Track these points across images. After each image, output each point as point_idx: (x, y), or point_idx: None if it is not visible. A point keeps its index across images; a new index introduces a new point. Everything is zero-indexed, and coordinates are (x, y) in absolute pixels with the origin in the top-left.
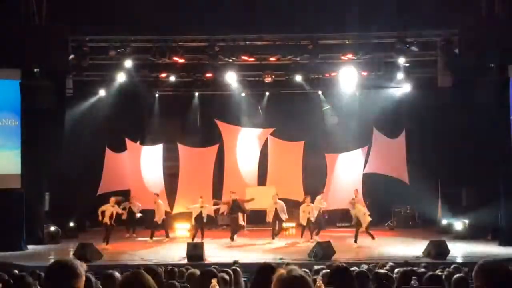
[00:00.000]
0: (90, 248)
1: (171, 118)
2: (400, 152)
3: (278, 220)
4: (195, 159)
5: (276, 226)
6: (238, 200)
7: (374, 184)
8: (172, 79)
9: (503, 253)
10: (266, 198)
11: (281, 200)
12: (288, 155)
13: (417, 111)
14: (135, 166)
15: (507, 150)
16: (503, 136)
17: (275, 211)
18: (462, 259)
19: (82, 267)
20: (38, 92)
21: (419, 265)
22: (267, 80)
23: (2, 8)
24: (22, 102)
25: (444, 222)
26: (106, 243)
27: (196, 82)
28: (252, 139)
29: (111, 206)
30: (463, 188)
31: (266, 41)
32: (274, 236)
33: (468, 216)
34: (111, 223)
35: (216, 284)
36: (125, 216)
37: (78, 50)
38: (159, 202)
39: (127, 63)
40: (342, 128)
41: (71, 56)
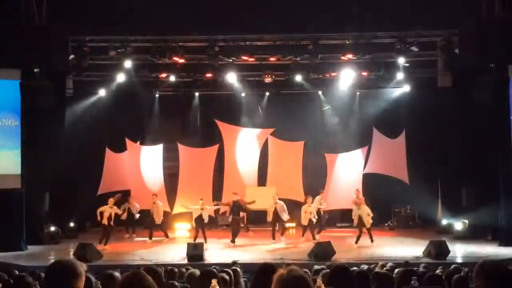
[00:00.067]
0: (90, 248)
1: (171, 118)
2: (400, 152)
3: (278, 220)
4: (195, 159)
5: (276, 226)
6: (239, 201)
7: (374, 184)
8: (172, 79)
9: (503, 253)
10: (266, 198)
11: (281, 200)
12: (288, 155)
13: (417, 111)
14: (135, 166)
15: (507, 150)
16: (503, 136)
17: (275, 211)
18: (462, 259)
19: (82, 267)
20: (38, 92)
21: (419, 265)
22: (267, 80)
23: (2, 8)
24: (22, 102)
25: (444, 222)
26: (104, 243)
27: (196, 82)
28: (252, 139)
29: (109, 207)
30: (463, 188)
31: (266, 41)
32: (274, 237)
33: (468, 216)
34: (109, 224)
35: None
36: (124, 216)
37: (78, 50)
38: (158, 202)
39: (127, 63)
40: (342, 128)
41: (71, 56)
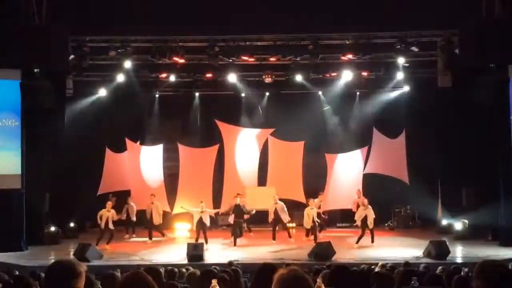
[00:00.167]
0: (90, 248)
1: (171, 118)
2: (400, 152)
3: (278, 221)
4: (195, 159)
5: (276, 227)
6: (240, 204)
7: (374, 184)
8: (172, 79)
9: (503, 253)
10: (266, 198)
11: (281, 201)
12: (288, 156)
13: (417, 111)
14: (135, 166)
15: (507, 150)
16: (503, 136)
17: (275, 211)
18: (462, 259)
19: (82, 267)
20: (38, 92)
21: (419, 265)
22: (267, 80)
23: (2, 8)
24: (22, 102)
25: (444, 222)
26: (107, 242)
27: (196, 82)
28: (252, 139)
29: (107, 211)
30: (463, 188)
31: (266, 41)
32: (274, 237)
33: (468, 216)
34: (106, 227)
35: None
36: (124, 217)
37: (78, 50)
38: (156, 202)
39: (127, 64)
40: (342, 128)
41: (71, 56)
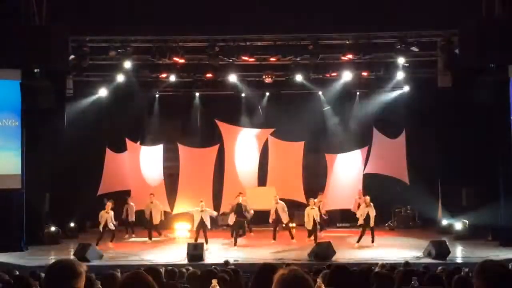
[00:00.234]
0: (90, 249)
1: (171, 118)
2: (400, 152)
3: (279, 221)
4: (195, 160)
5: (277, 227)
6: (242, 203)
7: (374, 184)
8: (172, 79)
9: (503, 253)
10: (266, 198)
11: (281, 201)
12: (288, 156)
13: (417, 111)
14: (135, 167)
15: (507, 150)
16: (503, 136)
17: (276, 211)
18: (462, 259)
19: (82, 267)
20: (38, 92)
21: (419, 265)
22: (267, 80)
23: (2, 8)
24: (22, 102)
25: (444, 222)
26: (111, 240)
27: (196, 83)
28: (252, 140)
29: (105, 212)
30: (463, 188)
31: (266, 41)
32: (275, 237)
33: (468, 216)
34: (104, 229)
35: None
36: (124, 217)
37: (78, 50)
38: (155, 202)
39: (127, 64)
40: (342, 128)
41: (71, 57)
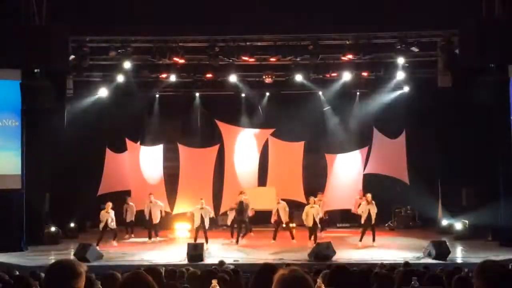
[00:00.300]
0: (91, 249)
1: (171, 118)
2: (400, 152)
3: (280, 221)
4: (195, 160)
5: (278, 227)
6: (244, 201)
7: (374, 184)
8: (172, 79)
9: (503, 253)
10: (266, 199)
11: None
12: (288, 156)
13: (417, 111)
14: (135, 167)
15: (507, 150)
16: (503, 136)
17: (277, 211)
18: (462, 259)
19: (83, 267)
20: (38, 92)
21: (419, 265)
22: (267, 80)
23: (2, 8)
24: (23, 102)
25: (444, 222)
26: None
27: (196, 83)
28: (252, 140)
29: (106, 212)
30: (463, 188)
31: (266, 41)
32: (275, 237)
33: (468, 216)
34: (104, 229)
35: (217, 285)
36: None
37: (78, 50)
38: (154, 201)
39: (127, 64)
40: (342, 128)
41: (71, 57)
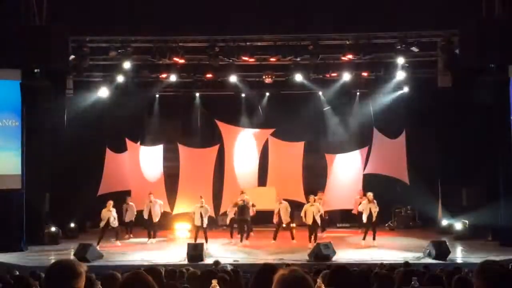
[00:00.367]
0: (91, 249)
1: (171, 118)
2: (400, 152)
3: (280, 222)
4: (195, 160)
5: (279, 227)
6: (245, 200)
7: (374, 184)
8: (172, 79)
9: (503, 253)
10: (266, 199)
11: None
12: (288, 156)
13: (417, 111)
14: (135, 167)
15: (507, 150)
16: (503, 136)
17: (279, 212)
18: (462, 260)
19: (83, 267)
20: (38, 92)
21: (419, 265)
22: (267, 80)
23: (2, 8)
24: (22, 102)
25: (444, 222)
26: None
27: (196, 83)
28: (252, 140)
29: (107, 210)
30: (463, 188)
31: (266, 41)
32: (275, 237)
33: (468, 216)
34: (105, 228)
35: (217, 285)
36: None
37: (78, 50)
38: (154, 200)
39: (127, 64)
40: (342, 128)
41: (71, 57)
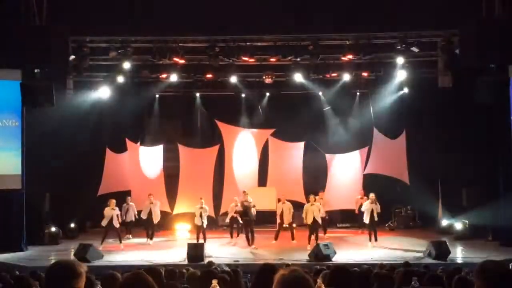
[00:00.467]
0: (91, 249)
1: (171, 118)
2: (400, 152)
3: (282, 222)
4: (195, 160)
5: (280, 227)
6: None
7: (374, 184)
8: (173, 79)
9: (503, 253)
10: (266, 199)
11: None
12: (289, 156)
13: (417, 111)
14: (136, 167)
15: (507, 150)
16: (503, 136)
17: (281, 212)
18: (462, 260)
19: (83, 267)
20: (38, 92)
21: (419, 265)
22: (267, 80)
23: (2, 8)
24: (22, 102)
25: (444, 222)
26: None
27: (196, 83)
28: (252, 140)
29: (111, 209)
30: (463, 188)
31: (266, 41)
32: (276, 237)
33: (468, 216)
34: (108, 226)
35: (217, 285)
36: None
37: (78, 50)
38: (155, 201)
39: (127, 64)
40: (342, 128)
41: (71, 57)
